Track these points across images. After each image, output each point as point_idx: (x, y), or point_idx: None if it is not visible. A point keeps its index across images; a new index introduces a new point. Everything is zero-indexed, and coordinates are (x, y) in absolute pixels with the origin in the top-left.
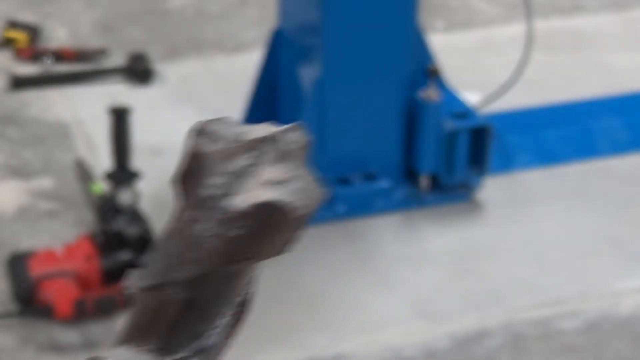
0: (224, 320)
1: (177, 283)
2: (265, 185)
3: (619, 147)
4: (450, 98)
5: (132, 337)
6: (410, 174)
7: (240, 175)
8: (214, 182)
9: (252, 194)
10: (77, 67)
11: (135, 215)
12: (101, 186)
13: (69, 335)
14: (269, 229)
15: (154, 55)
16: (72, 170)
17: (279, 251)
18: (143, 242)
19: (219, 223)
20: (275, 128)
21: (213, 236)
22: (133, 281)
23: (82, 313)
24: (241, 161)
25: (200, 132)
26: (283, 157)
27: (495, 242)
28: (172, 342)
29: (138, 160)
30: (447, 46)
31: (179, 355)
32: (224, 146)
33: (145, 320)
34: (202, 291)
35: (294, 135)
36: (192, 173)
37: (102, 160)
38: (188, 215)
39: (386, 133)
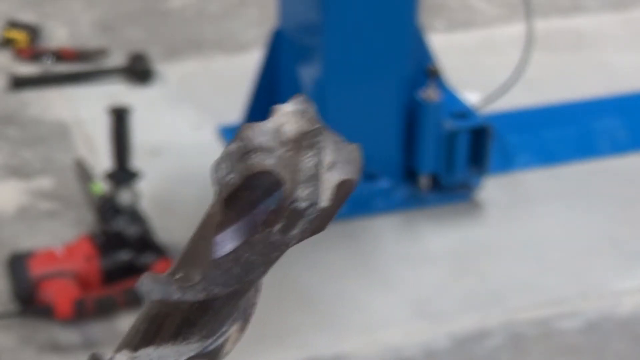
0: (234, 324)
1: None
2: (329, 171)
3: (619, 147)
4: (450, 98)
5: (139, 337)
6: (410, 174)
7: (317, 176)
8: (303, 194)
9: (327, 184)
10: (77, 67)
11: (135, 215)
12: (101, 186)
13: (69, 335)
14: (339, 205)
15: (154, 55)
16: (72, 170)
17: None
18: (143, 242)
19: (309, 223)
20: (289, 110)
21: (297, 239)
22: (163, 290)
23: (82, 313)
24: (308, 160)
25: (249, 148)
26: (319, 136)
27: (495, 242)
28: (181, 342)
29: (138, 160)
30: (447, 46)
31: (185, 356)
32: (281, 153)
33: (154, 322)
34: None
35: (307, 106)
36: (253, 190)
37: (102, 160)
38: (268, 229)
39: (386, 133)
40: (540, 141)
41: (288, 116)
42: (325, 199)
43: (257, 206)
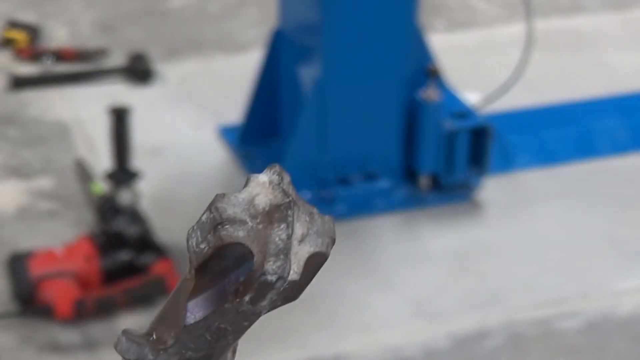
0: None
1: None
2: (301, 244)
3: (619, 147)
4: (450, 98)
5: None
6: (410, 174)
7: (287, 249)
8: (272, 268)
9: (297, 257)
10: (77, 67)
11: (135, 215)
12: (101, 186)
13: (69, 335)
14: (310, 277)
15: (154, 55)
16: (72, 170)
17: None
18: (143, 242)
19: (279, 295)
20: (263, 181)
21: (267, 308)
22: (138, 351)
23: (82, 313)
24: (278, 234)
25: (220, 220)
26: (291, 209)
27: (495, 242)
28: None
29: (138, 160)
30: (447, 46)
31: None
32: (252, 226)
33: None
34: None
35: (282, 177)
36: (225, 259)
37: (102, 160)
38: (238, 299)
39: (386, 133)
40: (540, 141)
41: (262, 187)
42: (294, 272)
43: (227, 276)
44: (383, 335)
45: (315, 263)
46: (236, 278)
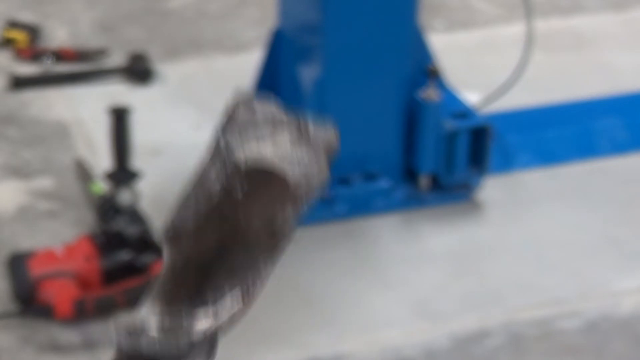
0: (229, 299)
1: (188, 233)
2: (274, 154)
3: (619, 147)
4: (450, 98)
5: (155, 293)
6: (410, 174)
7: (257, 139)
8: (230, 137)
9: (258, 155)
10: (77, 67)
11: (135, 215)
12: (101, 186)
13: (69, 335)
14: (264, 191)
15: (154, 55)
16: (72, 170)
17: (275, 224)
18: (143, 242)
19: (224, 171)
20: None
21: (218, 182)
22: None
23: (82, 313)
24: (263, 130)
25: (243, 102)
26: (303, 142)
27: (495, 242)
28: (178, 301)
29: (138, 160)
30: (447, 46)
31: (177, 317)
32: (256, 117)
33: (164, 277)
34: (212, 256)
35: (324, 131)
36: (224, 133)
37: (102, 160)
38: (206, 163)
39: (386, 133)
40: (540, 141)
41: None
42: (241, 154)
43: None
44: (383, 335)
45: (268, 177)
46: None
